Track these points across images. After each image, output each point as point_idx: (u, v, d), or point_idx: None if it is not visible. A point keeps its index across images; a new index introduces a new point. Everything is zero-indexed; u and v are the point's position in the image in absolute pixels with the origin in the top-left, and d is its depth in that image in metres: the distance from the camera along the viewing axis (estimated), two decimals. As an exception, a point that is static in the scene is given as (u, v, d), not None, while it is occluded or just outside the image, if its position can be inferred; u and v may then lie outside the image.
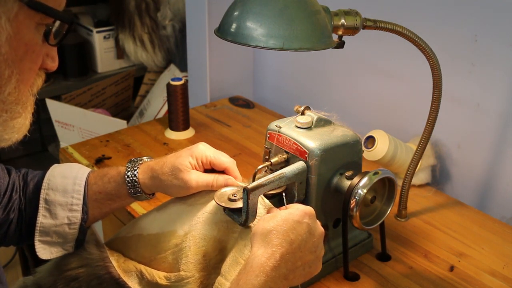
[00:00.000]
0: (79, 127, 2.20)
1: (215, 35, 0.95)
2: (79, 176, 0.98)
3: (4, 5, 0.64)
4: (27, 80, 0.72)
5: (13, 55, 0.67)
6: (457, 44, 1.34)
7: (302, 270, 0.82)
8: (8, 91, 0.69)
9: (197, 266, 0.91)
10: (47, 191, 0.96)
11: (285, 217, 0.82)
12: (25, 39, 0.68)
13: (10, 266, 2.04)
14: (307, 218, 0.83)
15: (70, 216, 0.96)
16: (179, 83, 1.55)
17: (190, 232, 0.93)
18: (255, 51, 1.95)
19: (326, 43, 0.93)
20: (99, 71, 2.51)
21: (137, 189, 0.97)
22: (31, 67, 0.71)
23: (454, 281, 1.08)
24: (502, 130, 1.31)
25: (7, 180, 0.96)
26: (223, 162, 0.97)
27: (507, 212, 1.33)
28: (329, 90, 1.74)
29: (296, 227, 0.81)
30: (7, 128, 0.72)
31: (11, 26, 0.65)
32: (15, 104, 0.71)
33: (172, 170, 0.95)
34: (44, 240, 0.96)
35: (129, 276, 0.95)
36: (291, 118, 1.06)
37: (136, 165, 0.98)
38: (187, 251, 0.92)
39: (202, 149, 0.97)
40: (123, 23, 2.42)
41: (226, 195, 0.92)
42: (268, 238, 0.79)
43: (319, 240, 0.84)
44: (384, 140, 1.30)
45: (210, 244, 0.91)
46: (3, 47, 0.66)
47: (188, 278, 0.91)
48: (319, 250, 0.84)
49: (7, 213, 0.95)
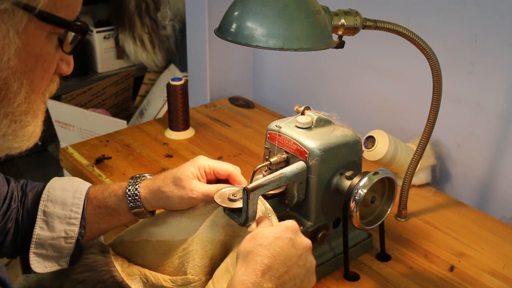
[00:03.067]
0: (79, 127, 2.20)
1: (215, 35, 0.95)
2: (80, 190, 0.98)
3: (12, 18, 0.62)
4: (38, 90, 0.71)
5: (22, 66, 0.66)
6: (457, 44, 1.34)
7: (293, 284, 0.81)
8: (18, 102, 0.68)
9: (204, 270, 0.91)
10: (46, 203, 0.95)
11: (265, 235, 0.81)
12: (35, 50, 0.67)
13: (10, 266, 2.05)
14: (289, 233, 0.82)
15: (68, 230, 0.95)
16: (179, 83, 1.55)
17: (197, 236, 0.92)
18: (255, 51, 1.95)
19: (326, 43, 0.93)
20: (99, 71, 2.51)
21: (137, 204, 0.96)
22: (43, 76, 0.70)
23: (454, 281, 1.08)
24: (502, 130, 1.31)
25: (6, 188, 0.95)
26: (226, 168, 0.97)
27: (507, 212, 1.33)
28: (329, 90, 1.74)
29: (277, 243, 0.80)
30: (17, 137, 0.71)
31: (20, 38, 0.64)
32: (25, 115, 0.70)
33: (174, 180, 0.94)
34: (39, 252, 0.95)
35: (132, 279, 0.95)
36: (291, 118, 1.06)
37: (138, 181, 0.98)
38: (194, 255, 0.91)
39: (204, 159, 0.97)
40: (123, 23, 2.42)
41: (226, 195, 0.92)
42: (249, 257, 0.79)
43: (306, 253, 0.83)
44: (384, 140, 1.30)
45: (217, 248, 0.91)
46: (12, 60, 0.64)
47: (195, 282, 0.90)
48: (308, 263, 0.83)
49: (5, 222, 0.94)
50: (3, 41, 0.62)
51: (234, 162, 1.02)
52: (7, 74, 0.65)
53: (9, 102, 0.67)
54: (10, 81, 0.66)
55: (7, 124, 0.69)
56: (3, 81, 0.65)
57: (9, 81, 0.66)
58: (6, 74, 0.65)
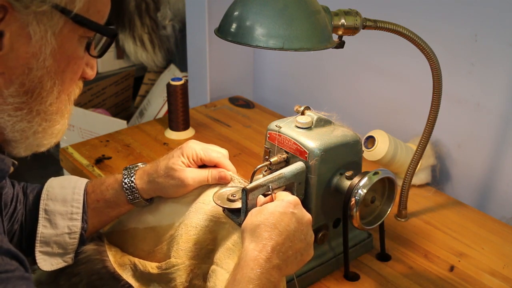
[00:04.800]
0: (79, 127, 2.20)
1: (215, 35, 0.95)
2: (78, 186, 1.00)
3: (50, 20, 0.67)
4: (67, 90, 0.75)
5: (56, 67, 0.70)
6: (457, 44, 1.34)
7: (294, 259, 0.83)
8: (50, 101, 0.72)
9: (188, 254, 0.92)
10: (47, 202, 0.97)
11: (271, 210, 0.84)
12: (68, 52, 0.71)
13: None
14: (293, 208, 0.85)
15: (70, 225, 0.96)
16: (179, 83, 1.54)
17: (183, 221, 0.95)
18: (255, 51, 1.95)
19: (326, 43, 0.93)
20: (99, 71, 2.51)
21: (135, 195, 0.98)
22: (72, 78, 0.74)
23: (454, 281, 1.08)
24: (502, 130, 1.31)
25: (12, 191, 0.96)
26: (213, 158, 0.99)
27: (507, 212, 1.33)
28: (329, 90, 1.74)
29: (283, 218, 0.83)
30: (46, 135, 0.75)
31: (56, 40, 0.68)
32: (55, 114, 0.74)
33: (167, 172, 0.96)
34: (44, 250, 0.96)
35: (123, 269, 0.97)
36: (291, 118, 1.06)
37: (132, 171, 1.00)
38: (179, 239, 0.93)
39: (192, 147, 0.98)
40: (123, 23, 2.42)
41: (225, 196, 0.93)
42: (257, 232, 0.81)
43: (307, 227, 0.86)
44: (384, 140, 1.30)
45: (201, 233, 0.93)
46: (47, 60, 0.69)
47: (178, 265, 0.92)
48: (308, 237, 0.86)
49: (12, 224, 0.95)
50: (41, 41, 0.67)
51: (234, 162, 1.02)
52: (42, 73, 0.69)
53: (42, 101, 0.71)
54: (44, 80, 0.70)
55: (38, 122, 0.73)
56: (38, 79, 0.69)
57: (44, 80, 0.70)
58: (42, 73, 0.69)
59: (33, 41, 0.67)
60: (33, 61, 0.68)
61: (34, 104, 0.71)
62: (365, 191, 0.98)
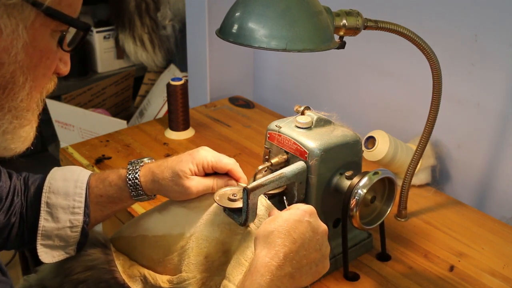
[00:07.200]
0: (79, 127, 2.20)
1: (217, 36, 0.95)
2: (80, 179, 0.98)
3: (21, 13, 0.64)
4: (39, 86, 0.72)
5: (28, 61, 0.68)
6: (457, 44, 1.34)
7: (309, 269, 0.81)
8: (21, 97, 0.70)
9: (199, 268, 0.91)
10: (49, 195, 0.96)
11: (286, 217, 0.82)
12: (40, 46, 0.69)
13: (10, 266, 2.04)
14: (308, 217, 0.83)
15: (72, 219, 0.96)
16: (179, 83, 1.55)
17: (194, 233, 0.93)
18: (255, 51, 1.95)
19: (328, 43, 0.93)
20: (99, 71, 2.51)
21: (139, 192, 0.97)
22: (45, 73, 0.72)
23: (454, 281, 1.08)
24: (502, 130, 1.31)
25: (8, 184, 0.96)
26: (226, 165, 0.97)
27: (507, 212, 1.33)
28: (329, 90, 1.74)
29: (297, 226, 0.81)
30: (15, 137, 0.72)
31: (28, 33, 0.66)
32: (26, 111, 0.71)
33: (172, 176, 0.95)
34: (46, 244, 0.96)
35: (133, 281, 0.95)
36: (291, 118, 1.06)
37: (137, 167, 0.98)
38: (190, 253, 0.92)
39: (203, 154, 0.96)
40: (123, 23, 2.42)
41: (226, 195, 0.93)
42: (270, 239, 0.79)
43: (323, 237, 0.84)
44: (384, 141, 1.30)
45: (212, 246, 0.91)
46: (19, 55, 0.66)
47: (189, 279, 0.91)
48: (324, 248, 0.84)
49: (8, 217, 0.94)
50: (12, 35, 0.65)
51: (234, 162, 1.02)
52: (14, 68, 0.67)
53: (14, 97, 0.69)
54: (16, 75, 0.67)
55: (9, 120, 0.70)
56: (10, 75, 0.67)
57: (16, 75, 0.67)
58: (14, 68, 0.67)
59: (4, 35, 0.64)
60: (5, 56, 0.65)
61: (5, 101, 0.68)
62: (365, 191, 0.98)
